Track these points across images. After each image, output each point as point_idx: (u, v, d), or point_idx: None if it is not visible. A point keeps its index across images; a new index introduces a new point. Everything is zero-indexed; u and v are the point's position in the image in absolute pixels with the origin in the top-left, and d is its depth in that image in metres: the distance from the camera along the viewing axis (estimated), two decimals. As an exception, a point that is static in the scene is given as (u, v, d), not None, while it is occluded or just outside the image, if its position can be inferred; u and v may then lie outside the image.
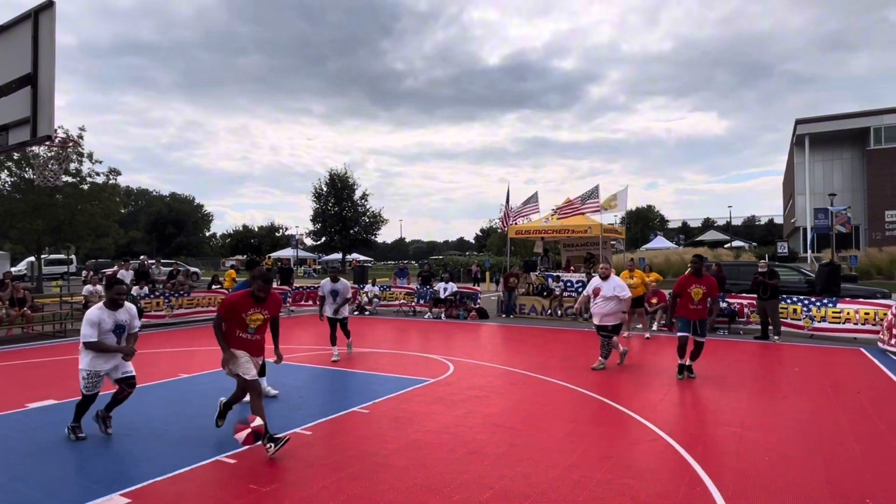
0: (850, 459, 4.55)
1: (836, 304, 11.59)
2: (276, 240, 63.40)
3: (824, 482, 4.08)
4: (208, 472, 4.31)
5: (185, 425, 5.54)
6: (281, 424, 5.48)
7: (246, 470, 4.35)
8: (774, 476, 4.20)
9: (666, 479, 4.13)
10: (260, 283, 4.88)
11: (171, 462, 4.46)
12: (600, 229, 16.27)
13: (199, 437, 5.17)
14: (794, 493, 3.89)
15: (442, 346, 10.83)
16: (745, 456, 4.63)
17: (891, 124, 42.38)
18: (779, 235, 58.38)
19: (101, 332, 5.07)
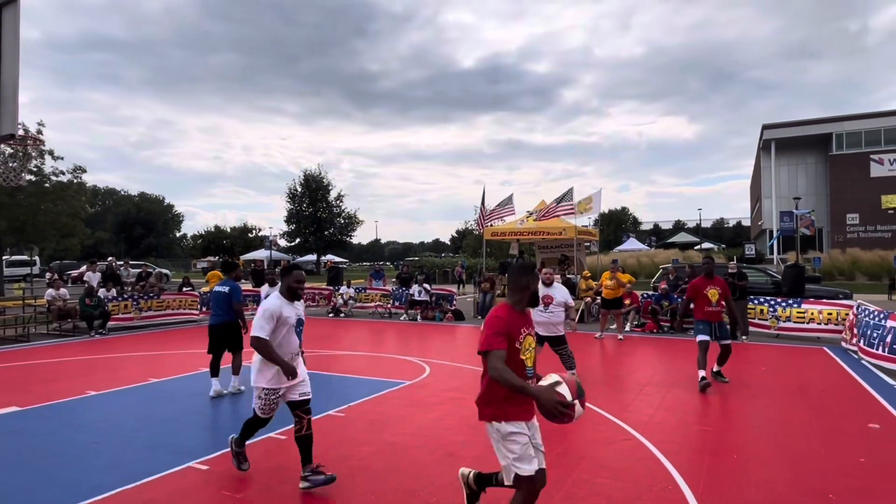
0: (814, 457, 4.69)
1: (801, 304, 11.94)
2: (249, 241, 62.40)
3: (790, 479, 4.19)
4: (180, 478, 4.22)
5: (156, 431, 5.42)
6: (255, 429, 5.40)
7: (219, 476, 4.27)
8: (743, 474, 4.30)
9: (639, 479, 4.19)
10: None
11: (141, 469, 4.35)
12: (575, 231, 16.45)
13: (170, 443, 5.05)
14: (762, 490, 3.99)
15: (418, 348, 10.81)
16: (715, 455, 4.73)
17: (852, 131, 43.90)
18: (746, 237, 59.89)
19: (280, 327, 4.04)
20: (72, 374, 8.24)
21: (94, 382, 7.57)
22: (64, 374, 8.19)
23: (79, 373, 8.30)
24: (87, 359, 9.52)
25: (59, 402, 6.53)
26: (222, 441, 5.04)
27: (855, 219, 42.95)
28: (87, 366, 8.89)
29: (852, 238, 41.73)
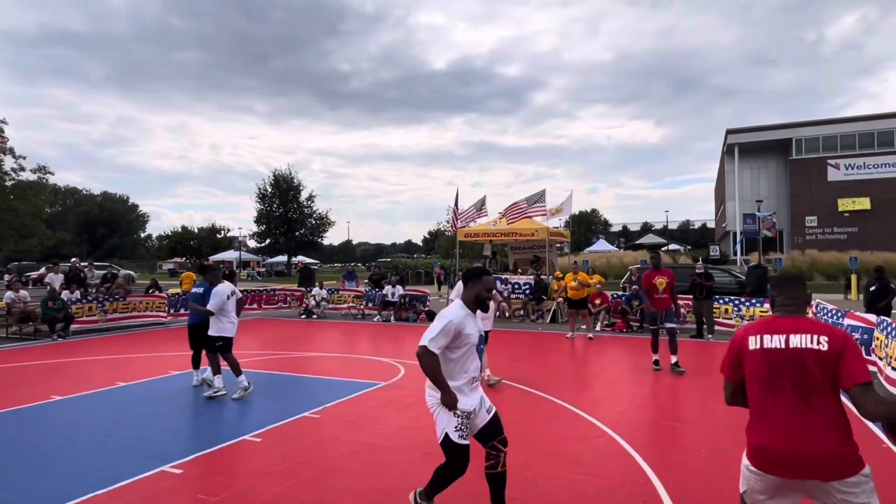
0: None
1: (764, 303, 12.36)
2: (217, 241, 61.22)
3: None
4: (153, 483, 4.16)
5: (126, 435, 5.31)
6: (229, 432, 5.35)
7: (194, 480, 4.22)
8: (711, 466, 4.46)
9: (612, 474, 4.31)
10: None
11: (112, 475, 4.27)
12: (546, 233, 16.68)
13: (142, 447, 4.96)
14: (729, 481, 4.14)
15: (392, 348, 10.81)
16: (684, 449, 4.89)
17: (810, 136, 45.54)
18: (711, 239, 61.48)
19: (460, 345, 3.36)
20: (35, 378, 7.98)
21: (59, 387, 7.36)
22: (27, 379, 7.93)
23: (43, 377, 8.06)
24: (51, 363, 9.23)
25: (23, 408, 6.34)
26: (196, 444, 4.98)
27: (813, 221, 44.55)
28: (51, 370, 8.62)
29: (811, 240, 43.28)
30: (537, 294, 15.36)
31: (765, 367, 2.39)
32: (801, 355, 2.32)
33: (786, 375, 2.34)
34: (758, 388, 2.43)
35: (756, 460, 2.40)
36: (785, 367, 2.35)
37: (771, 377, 2.37)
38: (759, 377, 2.41)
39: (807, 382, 2.30)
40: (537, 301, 15.25)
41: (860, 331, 8.10)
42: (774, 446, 2.34)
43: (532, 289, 15.56)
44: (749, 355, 2.46)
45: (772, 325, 2.44)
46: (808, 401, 2.30)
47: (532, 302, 15.29)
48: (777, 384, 2.36)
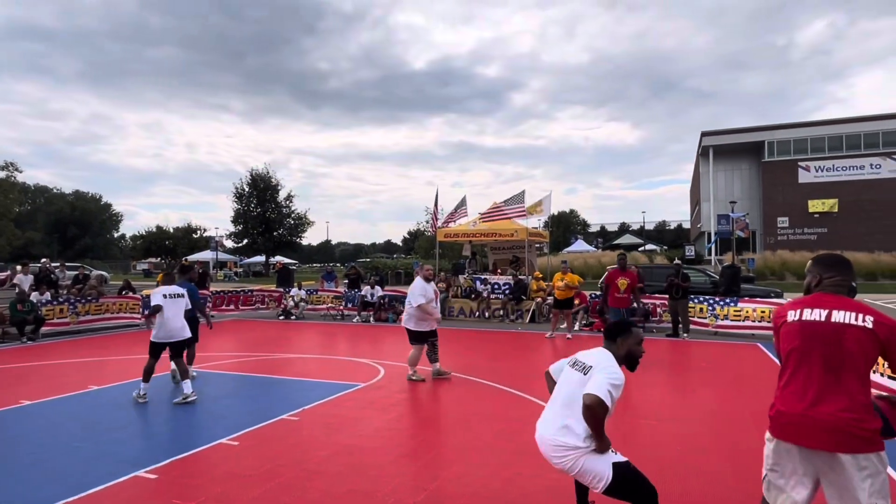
0: (751, 445, 5.00)
1: (737, 303, 12.62)
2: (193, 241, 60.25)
3: (729, 467, 4.46)
4: (127, 488, 4.08)
5: (99, 440, 5.20)
6: (205, 436, 5.28)
7: (168, 485, 4.15)
8: (686, 464, 4.54)
9: (590, 472, 4.36)
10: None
11: (84, 481, 4.18)
12: (526, 233, 16.78)
13: (115, 451, 4.86)
14: (703, 478, 4.23)
15: (371, 349, 10.77)
16: (659, 447, 4.97)
17: (782, 139, 46.62)
18: (686, 239, 62.51)
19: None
20: (4, 383, 7.77)
21: (28, 391, 7.17)
22: (-6, 384, 7.71)
23: (11, 381, 7.84)
24: (20, 366, 8.99)
25: (-11, 413, 6.16)
26: (171, 448, 4.91)
27: (785, 222, 45.63)
28: (20, 374, 8.40)
29: (782, 240, 44.32)
30: (517, 294, 15.44)
31: (799, 339, 2.45)
32: (841, 330, 2.36)
33: (818, 348, 2.40)
34: (790, 359, 2.50)
35: (772, 425, 2.51)
36: (819, 340, 2.40)
37: (803, 348, 2.44)
38: (792, 348, 2.48)
39: (838, 356, 2.34)
40: (517, 301, 15.34)
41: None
42: (789, 409, 2.42)
43: (511, 289, 15.65)
44: (786, 327, 2.53)
45: (816, 301, 2.50)
46: (836, 374, 2.34)
47: (511, 302, 15.38)
48: (808, 356, 2.42)
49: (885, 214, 41.64)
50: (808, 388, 2.41)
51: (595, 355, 3.12)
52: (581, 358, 3.16)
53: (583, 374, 3.03)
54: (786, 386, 2.51)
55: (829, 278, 2.54)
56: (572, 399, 3.02)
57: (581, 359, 3.15)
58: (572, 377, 3.11)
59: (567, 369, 3.20)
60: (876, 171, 43.59)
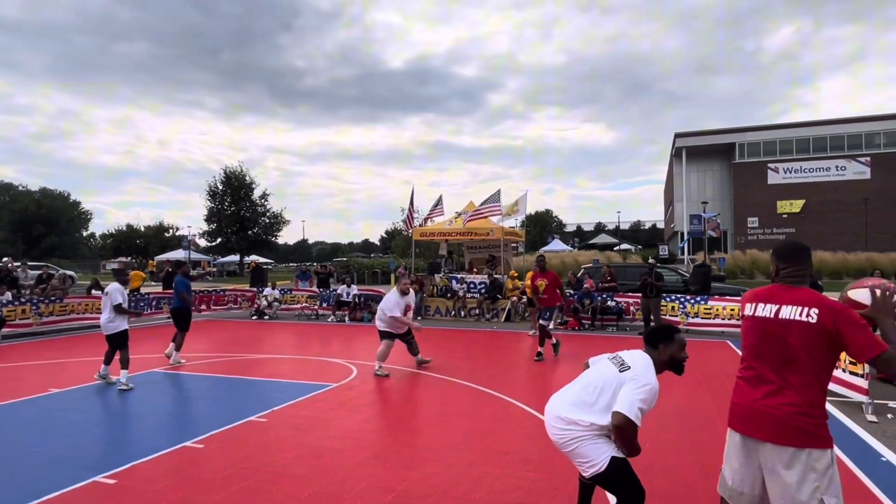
0: (716, 441, 5.06)
1: (708, 301, 12.83)
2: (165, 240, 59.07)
3: (695, 463, 4.51)
4: (85, 494, 3.94)
5: (56, 445, 5.02)
6: (169, 439, 5.14)
7: (127, 490, 4.02)
8: (654, 461, 4.57)
9: (559, 470, 4.36)
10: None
11: (39, 487, 4.02)
12: (502, 232, 16.82)
13: (74, 457, 4.70)
14: (670, 474, 4.27)
15: (345, 349, 10.66)
16: (629, 444, 4.99)
17: (752, 141, 47.66)
18: (660, 239, 63.51)
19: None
20: (-43, 386, 7.46)
21: (-16, 395, 6.90)
22: (-52, 387, 7.41)
23: (-34, 385, 7.54)
24: (-23, 369, 8.66)
25: (-59, 418, 5.91)
26: (133, 452, 4.77)
27: (755, 222, 46.67)
28: (-25, 377, 8.08)
29: (752, 240, 45.32)
30: (492, 293, 15.47)
31: (752, 335, 2.53)
32: (786, 325, 2.39)
33: (766, 344, 2.45)
34: (746, 354, 2.58)
35: (729, 417, 2.59)
36: (768, 337, 2.45)
37: (756, 345, 2.51)
38: (747, 343, 2.57)
39: (784, 353, 2.39)
40: (492, 300, 15.37)
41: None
42: (741, 400, 2.50)
43: (487, 288, 15.66)
44: (744, 321, 2.60)
45: (769, 295, 2.53)
46: (784, 371, 2.39)
47: (487, 301, 15.39)
48: (760, 353, 2.48)
49: (850, 215, 42.89)
50: (759, 382, 2.47)
51: (635, 358, 3.00)
52: (622, 355, 3.07)
53: (618, 370, 2.94)
54: (741, 378, 2.58)
55: (784, 269, 2.57)
56: (594, 384, 2.98)
57: (622, 356, 3.07)
58: (607, 369, 3.01)
59: (605, 360, 3.13)
60: (841, 172, 44.87)
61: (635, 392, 2.81)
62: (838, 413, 6.03)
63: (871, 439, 5.18)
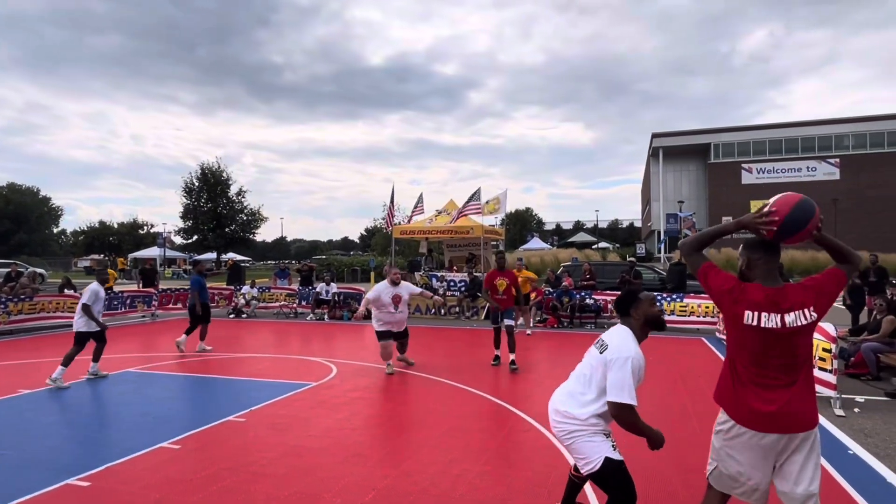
0: (692, 436, 5.17)
1: (683, 299, 13.06)
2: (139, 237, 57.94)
3: (672, 458, 4.59)
4: (58, 498, 3.86)
5: (28, 448, 4.90)
6: (144, 440, 5.05)
7: (102, 492, 3.95)
8: (630, 456, 4.63)
9: (538, 467, 4.41)
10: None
11: (10, 491, 3.92)
12: (482, 230, 16.87)
13: (46, 459, 4.60)
14: (645, 470, 4.34)
15: (324, 348, 10.60)
16: (607, 440, 5.06)
17: (727, 142, 48.56)
18: (638, 237, 64.35)
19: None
20: (-79, 388, 7.24)
21: (-50, 397, 6.70)
22: (-89, 389, 7.17)
23: (-70, 386, 7.31)
24: (-58, 370, 8.40)
25: None
26: (107, 454, 4.68)
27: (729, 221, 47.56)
28: (-59, 378, 7.84)
29: (727, 239, 46.01)
30: (472, 291, 15.51)
31: (758, 345, 2.49)
32: (795, 332, 2.46)
33: (778, 351, 2.47)
34: (750, 358, 2.53)
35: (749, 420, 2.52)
36: (777, 346, 2.47)
37: (763, 352, 2.49)
38: (751, 350, 2.52)
39: (793, 357, 2.47)
40: (472, 298, 15.41)
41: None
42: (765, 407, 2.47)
43: (467, 286, 15.71)
44: (744, 329, 2.52)
45: (767, 302, 2.49)
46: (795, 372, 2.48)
47: (467, 299, 15.43)
48: (769, 360, 2.49)
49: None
50: (776, 387, 2.48)
51: (612, 335, 3.01)
52: (604, 336, 3.09)
53: (599, 353, 2.97)
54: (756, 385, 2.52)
55: (758, 259, 2.63)
56: (583, 373, 3.05)
57: (603, 336, 3.07)
58: (591, 355, 3.05)
59: (592, 347, 3.12)
60: (812, 173, 46.01)
61: (618, 373, 2.83)
62: (808, 408, 6.20)
63: (838, 433, 5.34)
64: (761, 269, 2.60)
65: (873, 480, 4.19)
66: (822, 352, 6.35)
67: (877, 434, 5.33)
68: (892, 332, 7.93)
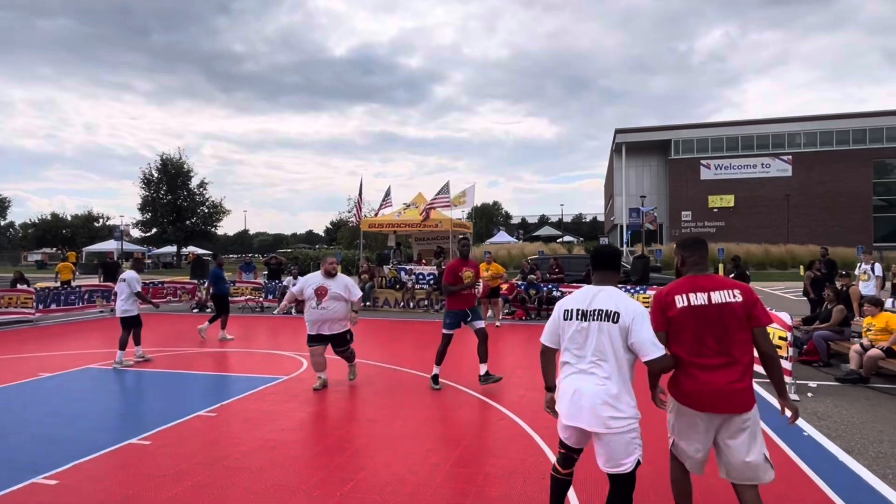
0: (658, 422, 5.36)
1: (646, 290, 13.43)
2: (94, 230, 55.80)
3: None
4: (24, 497, 3.74)
5: (-13, 447, 4.72)
6: (112, 437, 4.94)
7: (70, 490, 3.85)
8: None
9: (513, 454, 4.51)
10: None
11: (-30, 491, 3.79)
12: (450, 224, 16.95)
13: (10, 458, 4.44)
14: (616, 455, 4.49)
15: (294, 342, 10.49)
16: (577, 427, 5.21)
17: (686, 138, 49.89)
18: (601, 231, 65.62)
19: None
20: None
21: None
22: None
23: None
24: None
25: None
26: (74, 451, 4.56)
27: (688, 216, 48.95)
28: None
29: (686, 232, 47.53)
30: (441, 284, 15.57)
31: (693, 322, 2.83)
32: (721, 309, 2.81)
33: (711, 327, 2.82)
34: (689, 341, 2.86)
35: (691, 401, 2.90)
36: (709, 321, 2.82)
37: (699, 329, 2.83)
38: (689, 329, 2.85)
39: (726, 333, 2.80)
40: (441, 291, 15.47)
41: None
42: (704, 388, 2.82)
43: (436, 279, 15.76)
44: (678, 313, 2.86)
45: (692, 284, 2.90)
46: (729, 348, 2.80)
47: (436, 292, 15.49)
48: (705, 337, 2.82)
49: (774, 210, 45.76)
50: (716, 367, 2.82)
51: (610, 298, 2.84)
52: (589, 307, 2.86)
53: (613, 323, 2.78)
54: (695, 367, 2.86)
55: (690, 257, 3.00)
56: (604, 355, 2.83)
57: (597, 309, 2.83)
58: (608, 330, 2.80)
59: (583, 325, 2.85)
60: (766, 170, 47.73)
61: (642, 330, 2.75)
62: (765, 393, 6.50)
63: (794, 416, 5.63)
64: (691, 263, 2.98)
65: (825, 459, 4.44)
66: (778, 340, 6.65)
67: (828, 416, 5.64)
68: (842, 321, 8.37)
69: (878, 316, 7.32)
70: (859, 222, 45.21)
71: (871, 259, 12.15)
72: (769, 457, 2.88)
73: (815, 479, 4.03)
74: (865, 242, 36.17)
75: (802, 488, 3.88)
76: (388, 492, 3.80)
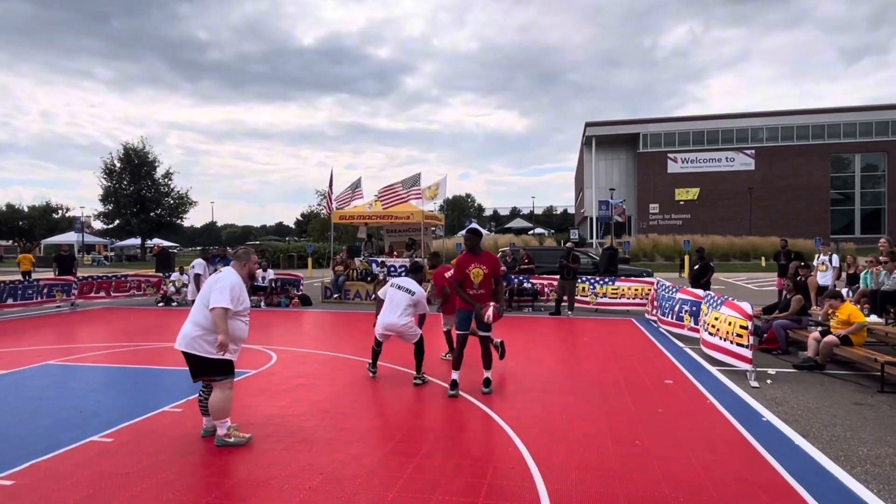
0: (624, 410, 5.48)
1: (615, 282, 13.67)
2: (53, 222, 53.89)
3: (606, 430, 4.86)
4: (-24, 498, 3.61)
5: (-63, 448, 4.53)
6: (72, 435, 4.80)
7: (27, 490, 3.73)
8: (569, 430, 4.88)
9: (483, 443, 4.55)
10: None
11: (-80, 494, 3.64)
12: (422, 216, 16.90)
13: (-40, 459, 4.27)
14: (584, 442, 4.58)
15: (263, 335, 10.35)
16: (547, 416, 5.29)
17: (654, 132, 50.78)
18: (571, 223, 66.43)
19: None
20: None
21: None
22: None
23: None
24: None
25: None
26: (32, 451, 4.41)
27: (656, 208, 49.94)
28: None
29: (654, 225, 48.53)
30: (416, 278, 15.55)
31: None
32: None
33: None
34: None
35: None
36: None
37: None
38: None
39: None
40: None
41: (689, 303, 9.28)
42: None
43: (408, 271, 15.72)
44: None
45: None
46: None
47: (407, 284, 15.49)
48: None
49: (737, 202, 47.04)
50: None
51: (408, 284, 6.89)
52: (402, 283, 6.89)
53: (409, 294, 6.68)
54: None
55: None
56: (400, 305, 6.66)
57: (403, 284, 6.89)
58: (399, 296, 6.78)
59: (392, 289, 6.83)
60: (730, 164, 48.99)
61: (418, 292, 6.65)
62: (726, 380, 6.70)
63: (753, 402, 5.81)
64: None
65: (783, 443, 4.61)
66: (739, 328, 6.86)
67: (786, 402, 5.85)
68: (800, 310, 8.67)
69: (841, 308, 7.59)
70: (818, 215, 46.87)
71: (828, 250, 12.61)
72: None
73: (772, 461, 4.18)
74: (823, 234, 37.54)
75: (760, 471, 4.02)
76: (357, 484, 3.80)
